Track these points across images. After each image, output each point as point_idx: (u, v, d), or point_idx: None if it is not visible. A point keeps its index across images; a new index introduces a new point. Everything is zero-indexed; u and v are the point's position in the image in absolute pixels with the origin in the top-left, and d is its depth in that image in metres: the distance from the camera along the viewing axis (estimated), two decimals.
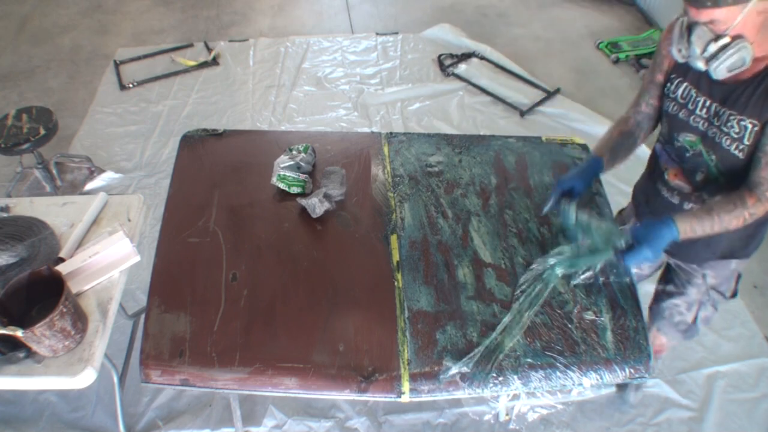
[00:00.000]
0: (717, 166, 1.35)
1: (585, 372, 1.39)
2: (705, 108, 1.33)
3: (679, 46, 1.26)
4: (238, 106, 3.59)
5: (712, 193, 1.39)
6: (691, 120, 1.37)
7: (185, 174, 1.83)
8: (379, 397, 1.37)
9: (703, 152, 1.36)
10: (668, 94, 1.43)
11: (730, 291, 1.61)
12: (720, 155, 1.33)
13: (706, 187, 1.40)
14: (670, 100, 1.42)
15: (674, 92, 1.41)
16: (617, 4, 4.76)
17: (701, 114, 1.34)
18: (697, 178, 1.41)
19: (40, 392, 2.10)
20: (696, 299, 1.63)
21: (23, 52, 4.14)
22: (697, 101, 1.35)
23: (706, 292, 1.60)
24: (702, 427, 2.07)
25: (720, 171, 1.36)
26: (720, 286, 1.59)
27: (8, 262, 1.57)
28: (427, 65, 3.96)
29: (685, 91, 1.38)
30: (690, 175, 1.43)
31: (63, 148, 3.22)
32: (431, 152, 1.94)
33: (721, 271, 1.55)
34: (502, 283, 1.55)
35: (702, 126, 1.35)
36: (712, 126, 1.32)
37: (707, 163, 1.37)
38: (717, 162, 1.35)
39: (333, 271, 1.58)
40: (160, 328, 1.44)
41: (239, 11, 4.67)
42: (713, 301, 1.62)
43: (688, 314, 1.66)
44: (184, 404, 2.10)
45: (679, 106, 1.40)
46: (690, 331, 1.71)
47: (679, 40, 1.26)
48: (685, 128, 1.39)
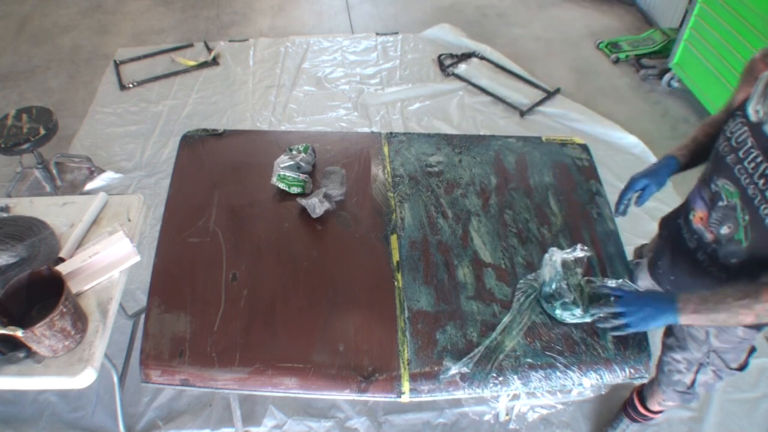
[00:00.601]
0: (746, 229, 1.22)
1: (585, 372, 1.39)
2: (755, 163, 1.18)
3: (757, 107, 1.14)
4: (238, 106, 3.59)
5: (729, 255, 1.27)
6: (737, 169, 1.22)
7: (185, 174, 1.83)
8: (379, 397, 1.37)
9: (738, 207, 1.23)
10: (725, 130, 1.27)
11: (738, 363, 1.48)
12: (753, 220, 1.19)
13: (728, 245, 1.27)
14: (725, 138, 1.26)
15: (732, 130, 1.25)
16: (617, 4, 4.76)
17: (748, 167, 1.19)
18: (722, 231, 1.28)
19: (40, 392, 2.10)
20: (696, 359, 1.51)
21: (23, 52, 4.14)
22: (750, 152, 1.19)
23: (708, 354, 1.47)
24: (702, 427, 2.07)
25: (747, 236, 1.22)
26: (725, 353, 1.45)
27: (8, 262, 1.57)
28: (427, 65, 3.96)
29: (742, 135, 1.22)
30: (715, 225, 1.29)
31: (63, 148, 3.22)
32: (431, 152, 1.94)
33: (726, 336, 1.41)
34: (502, 283, 1.55)
35: (744, 181, 1.20)
36: (756, 186, 1.18)
37: (738, 221, 1.23)
38: (748, 224, 1.21)
39: (333, 271, 1.58)
40: (160, 328, 1.44)
41: (239, 11, 4.67)
42: (716, 368, 1.49)
43: (687, 374, 1.55)
44: (184, 404, 2.10)
45: (731, 149, 1.24)
46: (688, 395, 1.60)
47: (761, 100, 1.13)
48: (728, 175, 1.24)
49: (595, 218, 1.73)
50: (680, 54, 3.52)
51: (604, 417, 2.08)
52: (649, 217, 2.82)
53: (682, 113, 3.57)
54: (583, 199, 1.79)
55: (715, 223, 1.29)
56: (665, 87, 3.77)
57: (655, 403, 1.79)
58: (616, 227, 1.70)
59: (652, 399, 1.79)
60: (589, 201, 1.78)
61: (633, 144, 3.28)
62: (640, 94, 3.77)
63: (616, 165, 3.14)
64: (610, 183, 2.93)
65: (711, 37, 3.22)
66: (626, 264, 1.61)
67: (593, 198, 1.79)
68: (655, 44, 4.00)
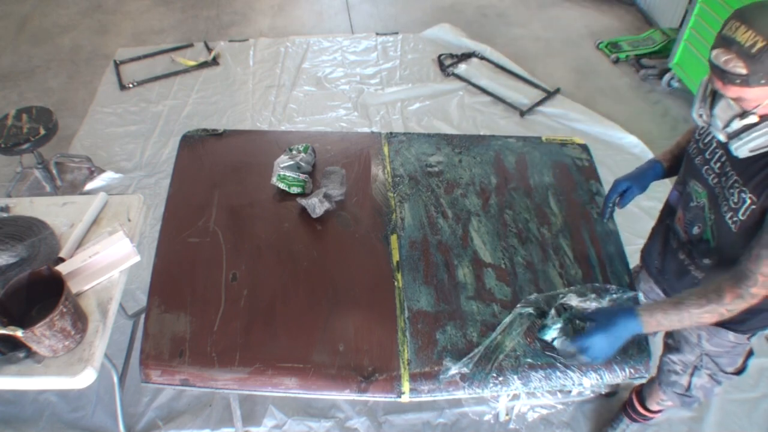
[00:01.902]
0: (713, 228, 1.25)
1: (585, 372, 1.39)
2: (719, 162, 1.22)
3: (700, 111, 1.16)
4: (238, 106, 3.59)
5: (702, 254, 1.30)
6: (704, 170, 1.26)
7: (185, 174, 1.83)
8: (379, 397, 1.37)
9: (705, 207, 1.26)
10: (695, 133, 1.32)
11: (734, 367, 1.47)
12: (717, 218, 1.22)
13: (699, 245, 1.30)
14: (695, 140, 1.31)
15: (700, 133, 1.30)
16: (617, 4, 4.76)
17: (714, 167, 1.23)
18: (693, 232, 1.31)
19: (40, 392, 2.10)
20: (690, 361, 1.51)
21: (23, 52, 4.14)
22: (715, 152, 1.24)
23: (700, 357, 1.48)
24: (702, 427, 2.07)
25: (713, 235, 1.25)
26: (718, 356, 1.45)
27: (8, 262, 1.57)
28: (427, 65, 3.96)
29: (708, 137, 1.27)
30: (689, 225, 1.33)
31: (63, 148, 3.22)
32: (431, 152, 1.94)
33: (718, 340, 1.41)
34: (502, 283, 1.55)
35: (712, 180, 1.24)
36: (720, 184, 1.21)
37: (705, 221, 1.27)
38: (713, 223, 1.24)
39: (333, 271, 1.58)
40: (160, 328, 1.44)
41: (239, 11, 4.67)
42: (711, 371, 1.49)
43: (683, 377, 1.55)
44: (184, 404, 2.10)
45: (699, 151, 1.29)
46: (687, 397, 1.59)
47: (701, 104, 1.16)
48: (697, 176, 1.28)
49: (595, 218, 1.73)
50: (680, 54, 3.52)
51: (604, 417, 2.08)
52: (649, 217, 2.82)
53: (682, 113, 3.57)
54: (583, 199, 1.79)
55: (688, 223, 1.33)
56: (665, 87, 3.77)
57: (653, 402, 1.79)
58: (616, 227, 1.70)
59: (650, 399, 1.79)
60: (589, 201, 1.78)
61: (633, 144, 3.28)
62: (640, 94, 3.76)
63: (616, 165, 3.14)
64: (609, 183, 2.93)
65: (711, 37, 3.20)
66: (626, 264, 1.61)
67: (593, 198, 1.79)
68: (655, 44, 4.00)
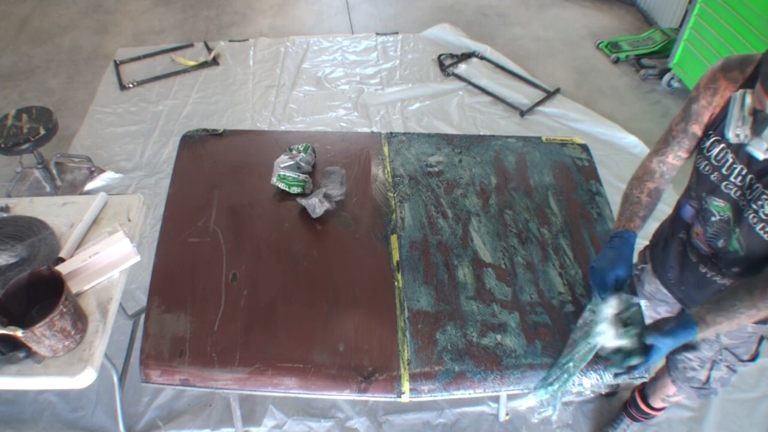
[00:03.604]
0: (739, 240, 1.23)
1: (585, 372, 1.39)
2: (740, 176, 1.20)
3: (738, 131, 1.12)
4: (238, 106, 3.60)
5: (730, 264, 1.29)
6: (723, 186, 1.23)
7: (185, 174, 1.83)
8: (379, 397, 1.37)
9: (730, 220, 1.24)
10: (703, 151, 1.27)
11: (749, 354, 1.48)
12: (744, 231, 1.20)
13: (726, 256, 1.28)
14: (704, 158, 1.27)
15: (709, 151, 1.25)
16: (617, 4, 4.76)
17: (735, 182, 1.21)
18: (719, 245, 1.29)
19: (40, 392, 2.11)
20: (708, 357, 1.51)
21: (23, 52, 4.14)
22: (733, 168, 1.21)
23: (719, 351, 1.48)
24: (702, 427, 2.07)
25: (741, 245, 1.23)
26: (735, 347, 1.47)
27: (8, 262, 1.57)
28: (427, 65, 3.96)
29: (720, 153, 1.23)
30: (712, 239, 1.30)
31: (63, 148, 3.22)
32: (431, 152, 1.94)
33: (736, 333, 1.42)
34: (502, 283, 1.55)
35: (734, 194, 1.22)
36: (744, 198, 1.20)
37: (730, 234, 1.25)
38: (740, 236, 1.22)
39: (333, 271, 1.58)
40: (160, 328, 1.44)
41: (239, 11, 4.67)
42: (729, 363, 1.50)
43: (701, 371, 1.55)
44: (184, 404, 2.10)
45: (713, 168, 1.25)
46: (705, 390, 1.59)
47: (739, 124, 1.11)
48: (715, 192, 1.25)
49: (595, 218, 1.73)
50: (680, 54, 3.52)
51: (604, 417, 2.08)
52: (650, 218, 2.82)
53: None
54: (583, 199, 1.79)
55: (711, 238, 1.30)
56: (665, 87, 3.77)
57: (658, 399, 1.78)
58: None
59: (654, 396, 1.79)
60: (589, 201, 1.78)
61: (633, 144, 3.29)
62: (640, 94, 3.77)
63: (616, 165, 3.14)
64: (610, 183, 2.94)
65: (711, 37, 3.22)
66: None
67: (593, 198, 1.79)
68: (655, 44, 4.00)
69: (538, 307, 1.50)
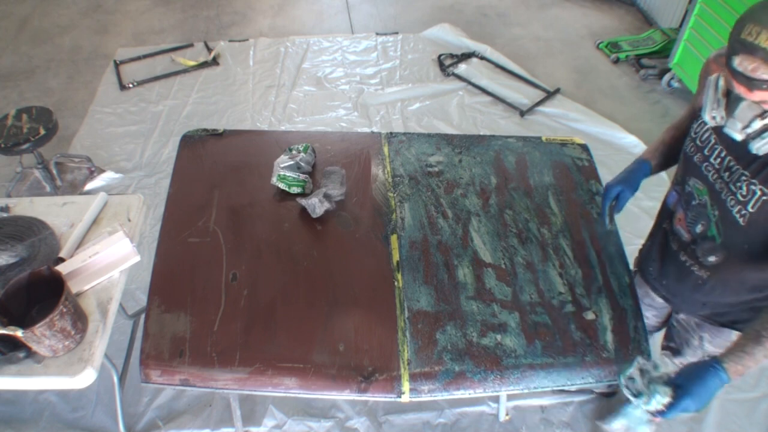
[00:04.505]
0: (717, 224, 1.24)
1: (585, 372, 1.39)
2: (720, 158, 1.22)
3: (714, 114, 1.14)
4: (238, 106, 3.59)
5: (707, 252, 1.29)
6: (704, 167, 1.26)
7: (185, 174, 1.83)
8: (379, 397, 1.37)
9: (708, 204, 1.26)
10: (690, 132, 1.32)
11: None
12: (722, 214, 1.22)
13: (703, 243, 1.29)
14: (691, 139, 1.31)
15: (696, 131, 1.29)
16: (617, 4, 4.76)
17: (714, 163, 1.23)
18: (697, 230, 1.30)
19: (40, 392, 2.10)
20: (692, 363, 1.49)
21: (23, 52, 4.14)
22: (714, 148, 1.23)
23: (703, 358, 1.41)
24: (702, 427, 2.07)
25: (719, 231, 1.25)
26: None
27: (8, 262, 1.57)
28: (427, 65, 3.96)
29: (705, 134, 1.26)
30: (691, 224, 1.32)
31: (63, 148, 3.22)
32: (431, 152, 1.94)
33: (720, 340, 1.42)
34: (502, 283, 1.55)
35: (712, 176, 1.24)
36: (722, 180, 1.21)
37: (709, 218, 1.26)
38: (718, 219, 1.24)
39: (333, 271, 1.58)
40: (160, 328, 1.44)
41: (239, 11, 4.67)
42: None
43: None
44: (184, 404, 2.10)
45: (696, 149, 1.28)
46: None
47: (714, 106, 1.14)
48: (696, 174, 1.28)
49: (595, 218, 1.73)
50: (680, 54, 3.52)
51: (604, 417, 2.07)
52: (649, 217, 2.81)
53: (682, 113, 3.57)
54: (583, 199, 1.79)
55: (691, 222, 1.32)
56: (665, 87, 3.77)
57: None
58: (616, 227, 1.70)
59: None
60: (589, 201, 1.78)
61: (633, 144, 3.28)
62: (640, 94, 3.76)
63: (616, 165, 3.13)
64: None
65: (711, 37, 3.22)
66: (626, 264, 1.61)
67: (593, 198, 1.79)
68: (655, 44, 4.00)
69: (538, 307, 1.50)
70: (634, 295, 1.53)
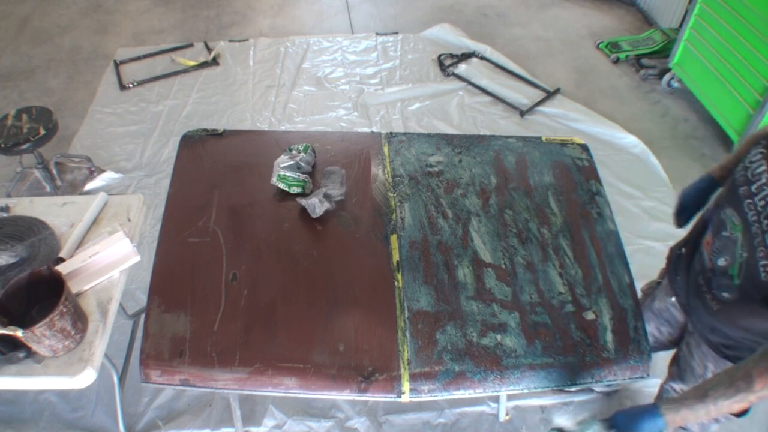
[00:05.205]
0: (741, 266, 1.15)
1: (585, 372, 1.39)
2: (765, 201, 1.12)
3: None
4: (238, 106, 3.60)
5: (721, 288, 1.22)
6: (746, 203, 1.16)
7: (185, 174, 1.83)
8: (379, 397, 1.37)
9: (738, 242, 1.17)
10: (745, 158, 1.21)
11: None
12: (749, 258, 1.13)
13: (721, 278, 1.22)
14: (743, 166, 1.21)
15: (751, 160, 1.19)
16: (617, 4, 4.76)
17: (758, 204, 1.13)
18: (719, 263, 1.23)
19: (40, 392, 2.10)
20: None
21: (23, 52, 4.14)
22: (763, 188, 1.13)
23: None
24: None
25: (740, 273, 1.16)
26: None
27: (8, 262, 1.57)
28: (427, 65, 3.96)
29: (759, 169, 1.16)
30: (715, 254, 1.24)
31: (63, 148, 3.22)
32: (431, 152, 1.94)
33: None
34: (502, 283, 1.55)
35: (751, 217, 1.14)
36: (760, 225, 1.12)
37: (735, 257, 1.17)
38: (744, 261, 1.14)
39: (333, 271, 1.58)
40: (160, 328, 1.44)
41: (239, 11, 4.67)
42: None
43: None
44: (184, 404, 2.10)
45: (745, 180, 1.19)
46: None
47: None
48: (736, 206, 1.19)
49: (595, 218, 1.73)
50: (680, 54, 3.52)
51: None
52: (649, 217, 2.82)
53: (682, 113, 3.57)
54: (583, 199, 1.79)
55: (716, 251, 1.26)
56: (665, 87, 3.77)
57: None
58: (616, 227, 1.70)
59: None
60: (589, 201, 1.78)
61: (633, 144, 3.28)
62: (640, 94, 3.76)
63: (616, 165, 3.14)
64: (610, 183, 2.94)
65: (711, 37, 3.22)
66: (626, 264, 1.61)
67: (593, 198, 1.79)
68: (655, 44, 4.00)
69: (538, 307, 1.50)
70: (634, 295, 1.53)
